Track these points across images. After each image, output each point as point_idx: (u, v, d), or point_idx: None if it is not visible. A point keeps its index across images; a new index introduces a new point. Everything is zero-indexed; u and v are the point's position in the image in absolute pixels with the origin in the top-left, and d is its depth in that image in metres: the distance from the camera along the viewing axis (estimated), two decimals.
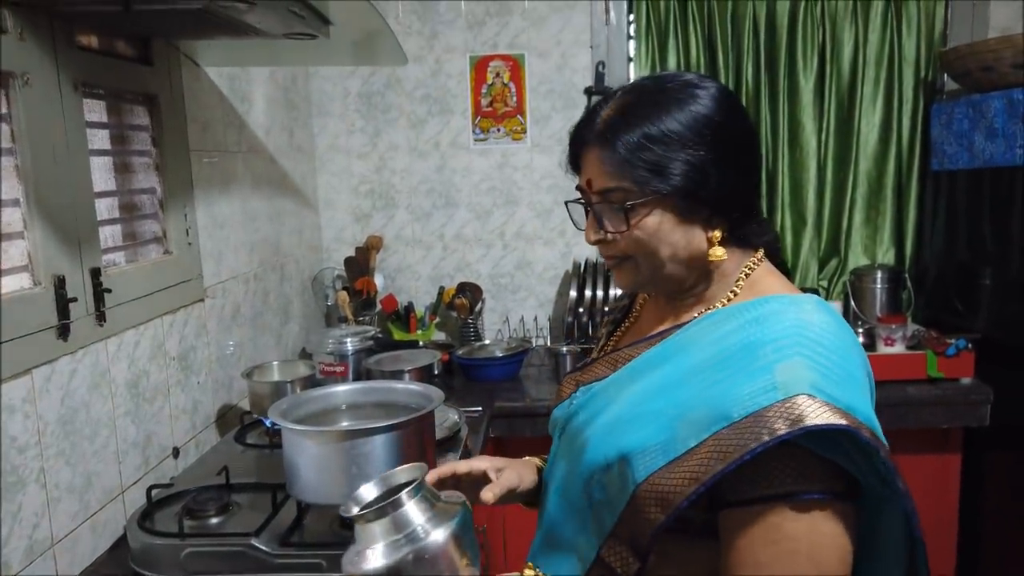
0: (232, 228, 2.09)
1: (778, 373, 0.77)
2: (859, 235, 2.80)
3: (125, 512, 1.50)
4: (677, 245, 0.89)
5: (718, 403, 0.79)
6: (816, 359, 0.79)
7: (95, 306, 1.43)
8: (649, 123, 0.86)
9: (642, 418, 0.85)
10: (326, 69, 2.82)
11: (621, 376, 0.94)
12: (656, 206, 0.87)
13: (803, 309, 0.84)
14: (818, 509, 0.75)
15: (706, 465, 0.76)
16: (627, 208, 0.87)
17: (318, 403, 1.48)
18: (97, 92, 1.55)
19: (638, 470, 0.82)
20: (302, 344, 2.58)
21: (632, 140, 0.86)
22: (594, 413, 0.93)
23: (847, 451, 0.76)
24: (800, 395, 0.75)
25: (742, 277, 0.92)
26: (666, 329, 0.95)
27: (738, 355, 0.82)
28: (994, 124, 2.24)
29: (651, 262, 0.90)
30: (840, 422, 0.73)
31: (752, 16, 2.69)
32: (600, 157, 0.89)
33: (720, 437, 0.77)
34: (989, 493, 2.34)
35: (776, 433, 0.73)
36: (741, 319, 0.86)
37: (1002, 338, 2.27)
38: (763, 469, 0.75)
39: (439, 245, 2.93)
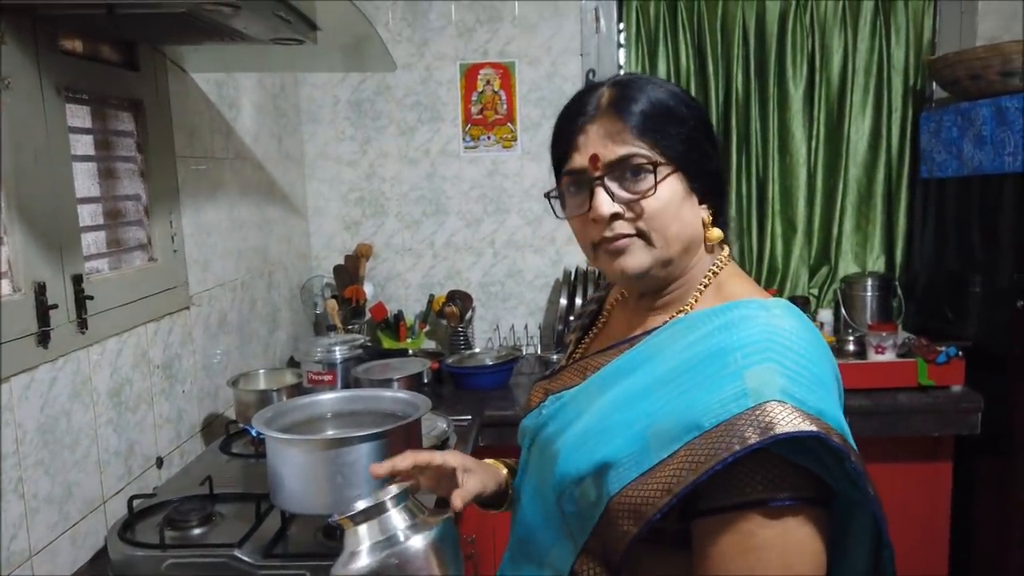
0: (219, 235, 2.07)
1: (748, 379, 0.77)
2: (849, 243, 2.80)
3: (106, 523, 1.48)
4: (684, 221, 0.89)
5: (689, 412, 0.78)
6: (786, 364, 0.78)
7: (77, 313, 1.41)
8: (652, 95, 0.88)
9: (613, 430, 0.84)
10: (315, 76, 2.81)
11: (590, 385, 0.93)
12: (670, 173, 0.87)
13: (772, 314, 0.84)
14: (790, 515, 0.75)
15: (678, 476, 0.76)
16: (651, 169, 0.86)
17: (304, 411, 1.46)
18: (81, 97, 1.54)
19: (611, 483, 0.81)
20: (290, 353, 2.56)
21: (643, 107, 0.87)
22: (564, 424, 0.92)
23: (818, 456, 0.75)
24: (771, 401, 0.74)
25: (709, 276, 0.92)
26: (635, 336, 0.94)
27: (707, 362, 0.81)
28: (983, 132, 2.24)
29: (663, 237, 0.88)
30: (810, 428, 0.73)
31: (742, 24, 2.69)
32: (610, 127, 0.88)
33: (692, 447, 0.76)
34: (981, 501, 2.33)
35: (747, 442, 0.73)
36: (710, 325, 0.85)
37: (992, 346, 2.27)
38: (735, 477, 0.75)
39: (429, 253, 2.91)
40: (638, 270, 0.89)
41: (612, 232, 0.88)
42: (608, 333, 1.03)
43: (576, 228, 0.93)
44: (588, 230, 0.90)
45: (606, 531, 0.82)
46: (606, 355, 0.95)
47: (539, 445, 0.97)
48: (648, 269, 0.89)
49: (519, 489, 1.01)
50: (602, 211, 0.87)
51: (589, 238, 0.91)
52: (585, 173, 0.89)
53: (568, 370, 1.01)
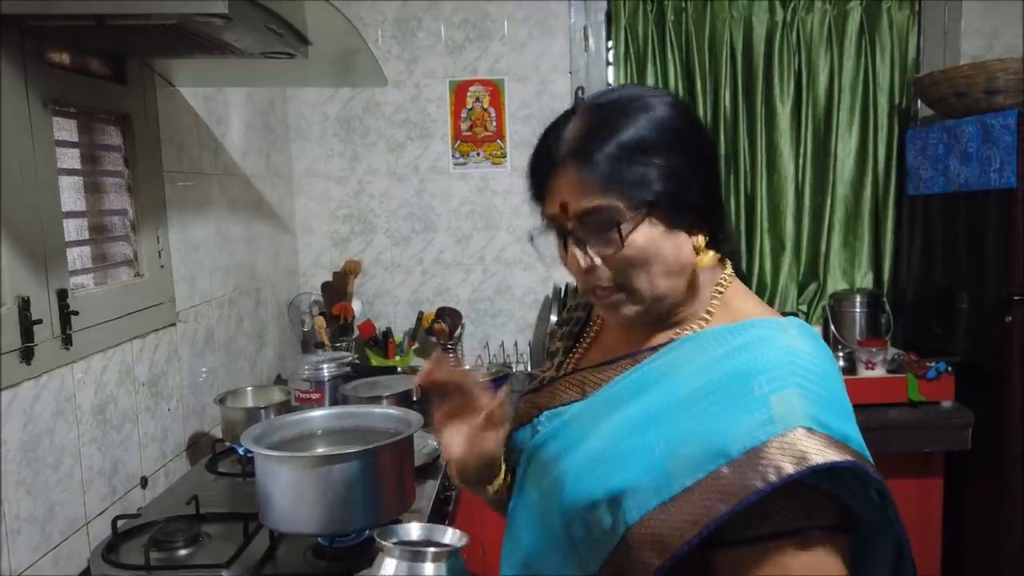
0: (206, 251, 2.05)
1: (774, 405, 0.75)
2: (837, 259, 2.81)
3: (89, 544, 1.44)
4: (668, 258, 0.84)
5: (713, 438, 0.75)
6: (809, 388, 0.76)
7: (61, 329, 1.38)
8: (619, 133, 0.82)
9: (629, 454, 0.80)
10: (304, 93, 2.80)
11: (595, 404, 0.88)
12: (644, 218, 0.83)
13: (790, 335, 0.82)
14: (820, 545, 0.74)
15: (707, 506, 0.73)
16: (617, 225, 0.82)
17: (293, 429, 1.43)
18: (68, 111, 1.52)
19: (629, 511, 0.77)
20: (277, 371, 2.53)
21: (608, 152, 0.81)
22: (568, 444, 0.87)
23: (848, 484, 0.74)
24: (798, 428, 0.73)
25: (716, 295, 0.89)
26: (639, 352, 0.89)
27: (729, 385, 0.78)
28: (968, 149, 2.27)
29: (644, 283, 0.84)
30: (845, 458, 0.72)
31: (729, 43, 2.72)
32: (576, 176, 0.83)
33: (720, 475, 0.73)
34: (972, 518, 2.33)
35: (783, 472, 0.71)
36: (727, 345, 0.82)
37: (981, 361, 2.27)
38: (765, 507, 0.73)
39: (418, 270, 2.90)
40: (630, 320, 0.87)
41: (593, 284, 0.86)
42: (604, 345, 0.99)
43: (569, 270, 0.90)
44: (576, 277, 0.89)
45: (624, 561, 0.78)
46: (606, 370, 0.91)
47: (538, 465, 0.92)
48: (639, 316, 0.87)
49: (517, 507, 0.97)
50: (571, 267, 0.86)
51: (580, 285, 0.90)
52: (558, 220, 0.86)
53: (561, 383, 0.96)
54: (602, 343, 1.00)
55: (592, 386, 0.91)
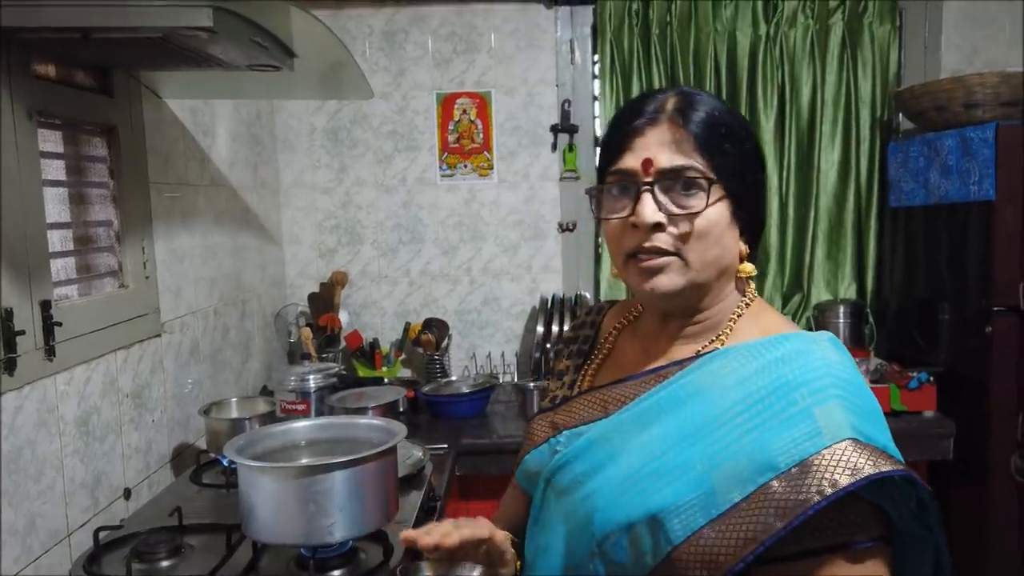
0: (192, 262, 2.05)
1: (819, 418, 0.75)
2: (821, 271, 2.84)
3: (71, 556, 1.43)
4: (724, 248, 0.85)
5: (760, 452, 0.75)
6: (850, 400, 0.77)
7: (44, 340, 1.38)
8: (721, 112, 0.85)
9: (668, 471, 0.78)
10: (291, 104, 2.81)
11: (623, 422, 0.86)
12: (721, 197, 0.84)
13: (825, 348, 0.82)
14: (870, 557, 0.74)
15: (760, 522, 0.72)
16: (706, 186, 0.82)
17: (277, 439, 1.43)
18: (53, 122, 1.52)
19: (674, 531, 0.75)
20: (263, 382, 2.53)
21: (708, 120, 0.83)
22: (597, 464, 0.85)
23: (891, 494, 0.74)
24: (845, 440, 0.73)
25: (742, 307, 0.90)
26: (663, 366, 0.88)
27: (771, 398, 0.77)
28: (948, 161, 2.30)
29: (701, 261, 0.84)
30: (898, 468, 0.72)
31: (713, 56, 2.75)
32: (671, 134, 0.83)
33: (769, 489, 0.73)
34: (955, 528, 2.34)
35: (839, 485, 0.71)
36: (762, 359, 0.81)
37: (963, 372, 2.30)
38: (818, 521, 0.72)
39: (405, 281, 2.90)
40: (671, 290, 0.84)
41: (651, 243, 0.83)
42: (619, 362, 0.97)
43: (611, 233, 0.88)
44: (625, 237, 0.85)
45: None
46: (629, 386, 0.89)
47: (561, 488, 0.88)
48: (681, 291, 0.85)
49: (536, 535, 0.93)
50: (646, 218, 0.82)
51: (624, 246, 0.86)
52: (634, 176, 0.84)
53: (579, 401, 0.93)
54: (617, 360, 0.98)
55: (615, 403, 0.89)
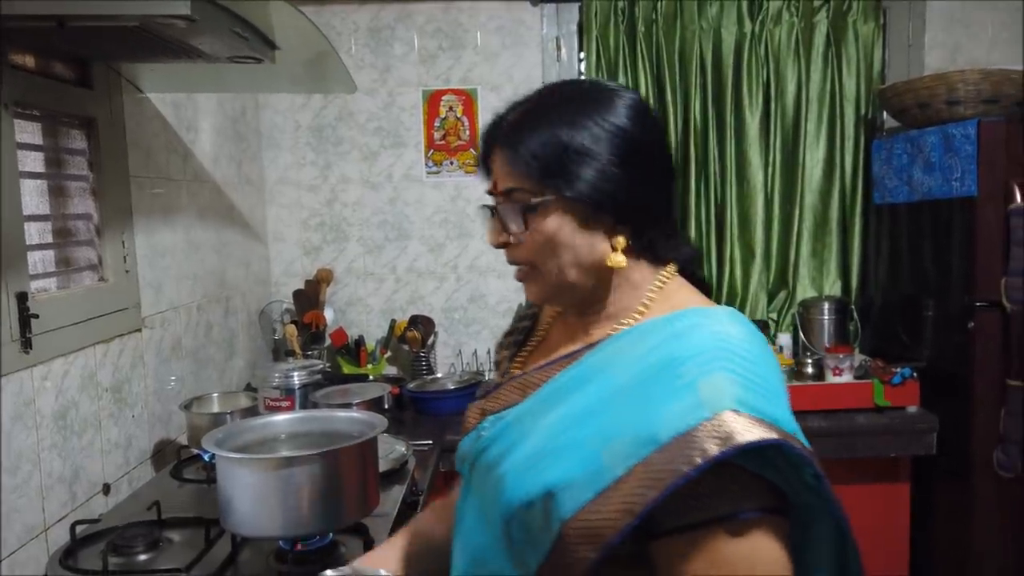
0: (174, 258, 2.03)
1: (702, 390, 0.75)
2: (806, 268, 2.85)
3: (48, 551, 1.42)
4: (579, 251, 0.87)
5: (643, 426, 0.75)
6: (737, 372, 0.77)
7: (20, 332, 1.37)
8: (557, 125, 0.85)
9: (564, 449, 0.79)
10: (276, 101, 2.80)
11: (534, 403, 0.88)
12: (556, 209, 0.85)
13: (719, 321, 0.83)
14: (755, 528, 0.73)
15: (638, 494, 0.72)
16: (526, 208, 0.86)
17: (256, 432, 1.42)
18: (31, 113, 1.51)
19: (564, 506, 0.76)
20: (247, 379, 2.51)
21: (536, 140, 0.85)
22: (509, 445, 0.87)
23: (777, 465, 0.74)
24: (726, 411, 0.73)
25: (654, 290, 0.90)
26: (577, 350, 0.91)
27: (659, 373, 0.79)
28: (931, 158, 2.31)
29: (553, 268, 0.88)
30: (771, 436, 0.72)
31: (699, 54, 2.75)
32: (504, 157, 0.88)
33: (649, 462, 0.73)
34: (939, 521, 2.35)
35: (709, 454, 0.71)
36: (659, 335, 0.83)
37: (945, 367, 2.31)
38: (697, 492, 0.72)
39: (391, 278, 2.89)
40: (536, 299, 0.92)
41: (510, 258, 0.91)
42: (547, 348, 0.99)
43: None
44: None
45: (561, 557, 0.77)
46: (547, 370, 0.92)
47: (481, 468, 0.91)
48: (545, 298, 0.91)
49: (461, 515, 0.96)
50: (491, 240, 0.91)
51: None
52: (493, 195, 0.91)
53: (505, 388, 0.96)
54: (545, 347, 1.00)
55: (533, 387, 0.91)
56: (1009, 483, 2.16)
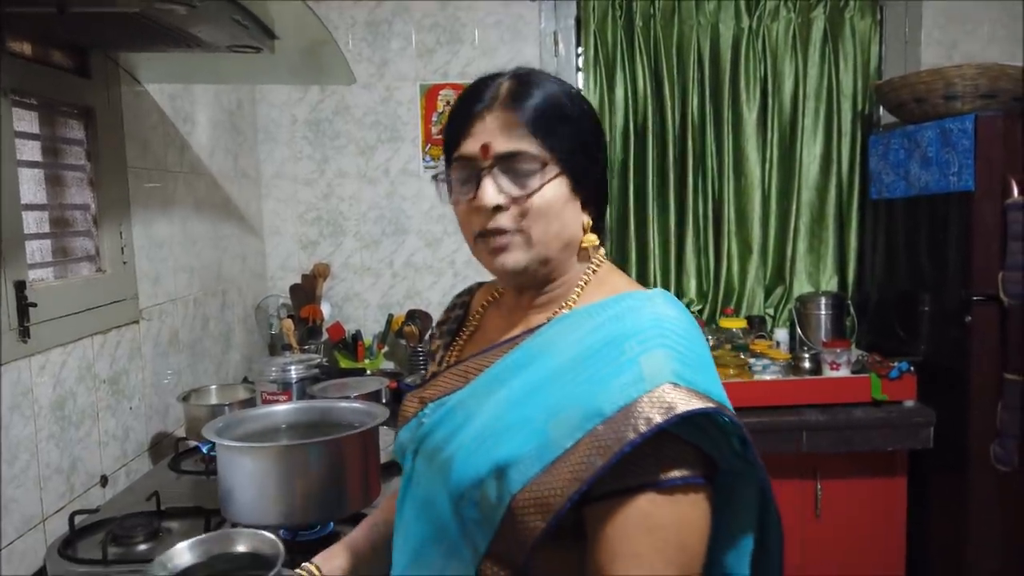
0: (171, 250, 2.02)
1: (644, 365, 0.79)
2: (803, 263, 2.85)
3: (46, 541, 1.40)
4: (565, 222, 0.89)
5: (589, 400, 0.79)
6: (675, 349, 0.81)
7: (18, 321, 1.36)
8: (549, 92, 0.89)
9: (512, 427, 0.82)
10: (273, 95, 2.79)
11: (478, 387, 0.90)
12: (556, 175, 0.88)
13: (656, 303, 0.87)
14: (681, 493, 0.77)
15: (585, 463, 0.76)
16: (539, 168, 0.86)
17: (257, 423, 1.42)
18: (29, 102, 1.50)
19: (513, 481, 0.79)
20: (244, 373, 2.50)
21: (540, 104, 0.87)
22: (455, 428, 0.89)
23: (710, 433, 0.79)
24: (665, 384, 0.77)
25: (589, 273, 0.94)
26: (518, 335, 0.93)
27: (603, 351, 0.82)
28: (928, 153, 2.32)
29: (543, 236, 0.88)
30: (708, 405, 0.77)
31: (697, 49, 2.75)
32: (505, 119, 0.87)
33: (596, 434, 0.77)
34: (935, 515, 2.36)
35: (653, 422, 0.75)
36: (600, 317, 0.86)
37: (942, 361, 2.31)
38: (634, 459, 0.76)
39: (388, 273, 2.89)
40: (516, 267, 0.89)
41: (495, 224, 0.87)
42: (484, 336, 1.01)
43: (460, 216, 0.92)
44: (472, 219, 0.89)
45: (512, 531, 0.80)
46: (488, 356, 0.93)
47: (424, 455, 0.93)
48: (526, 267, 0.90)
49: (401, 509, 0.97)
50: (487, 201, 0.86)
51: (472, 228, 0.90)
52: (475, 161, 0.88)
53: (443, 376, 0.97)
54: (483, 335, 1.02)
55: (475, 372, 0.93)
56: (1006, 476, 2.17)
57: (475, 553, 0.83)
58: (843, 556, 2.35)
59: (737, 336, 2.64)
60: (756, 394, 2.32)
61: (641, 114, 2.79)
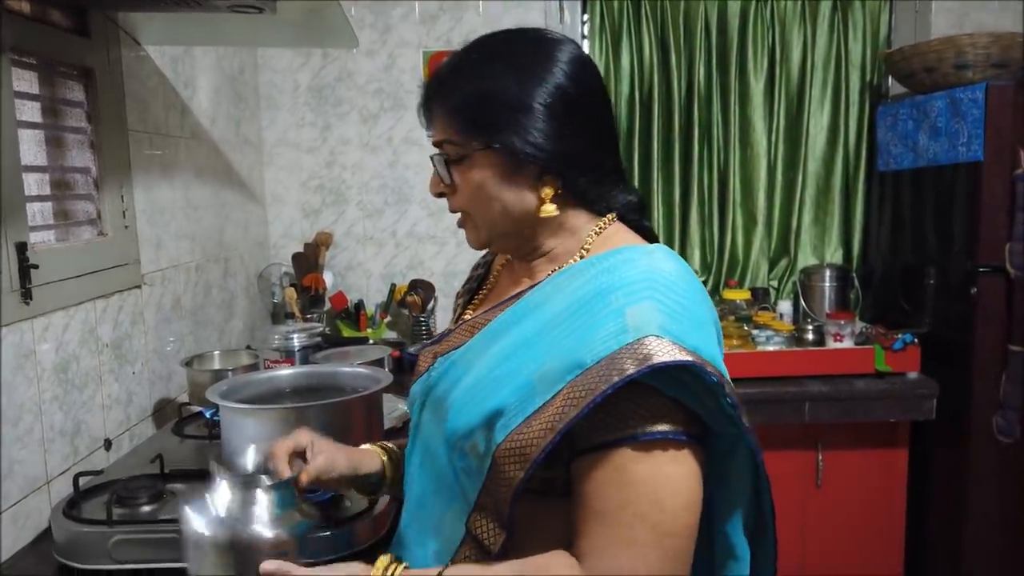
0: (173, 215, 2.01)
1: (629, 316, 0.78)
2: (808, 235, 2.84)
3: (51, 503, 1.41)
4: (507, 201, 0.89)
5: (572, 352, 0.79)
6: (665, 303, 0.79)
7: (20, 282, 1.35)
8: (485, 78, 0.88)
9: (501, 379, 0.83)
10: (275, 60, 2.75)
11: (478, 341, 0.92)
12: (480, 160, 0.88)
13: (653, 257, 0.85)
14: (660, 449, 0.76)
15: (560, 414, 0.76)
16: (450, 160, 0.89)
17: (260, 386, 1.42)
18: (28, 61, 1.48)
19: (498, 431, 0.80)
20: (246, 341, 2.50)
21: (462, 93, 0.88)
22: (454, 381, 0.91)
23: (692, 390, 0.77)
24: (649, 336, 0.76)
25: (592, 234, 0.92)
26: (520, 291, 0.94)
27: (591, 303, 0.82)
28: (937, 123, 2.29)
29: (483, 217, 0.91)
30: (686, 359, 0.74)
31: (704, 17, 2.72)
32: (436, 109, 0.90)
33: (574, 385, 0.76)
34: (936, 487, 2.37)
35: (625, 373, 0.73)
36: (594, 270, 0.86)
37: (946, 333, 2.31)
38: (612, 412, 0.75)
39: (391, 242, 2.87)
40: (477, 245, 0.94)
41: (451, 208, 0.94)
42: (496, 294, 1.03)
43: None
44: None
45: (495, 483, 0.81)
46: (492, 312, 0.95)
47: (429, 407, 0.95)
48: (488, 242, 0.93)
49: (408, 460, 0.99)
50: (430, 190, 0.94)
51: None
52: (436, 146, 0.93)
53: (456, 332, 0.99)
54: (497, 292, 1.04)
55: (480, 328, 0.94)
56: (1007, 448, 2.17)
57: (466, 504, 0.85)
58: (843, 527, 2.36)
59: (741, 308, 2.63)
60: (759, 365, 2.32)
61: (647, 83, 2.76)
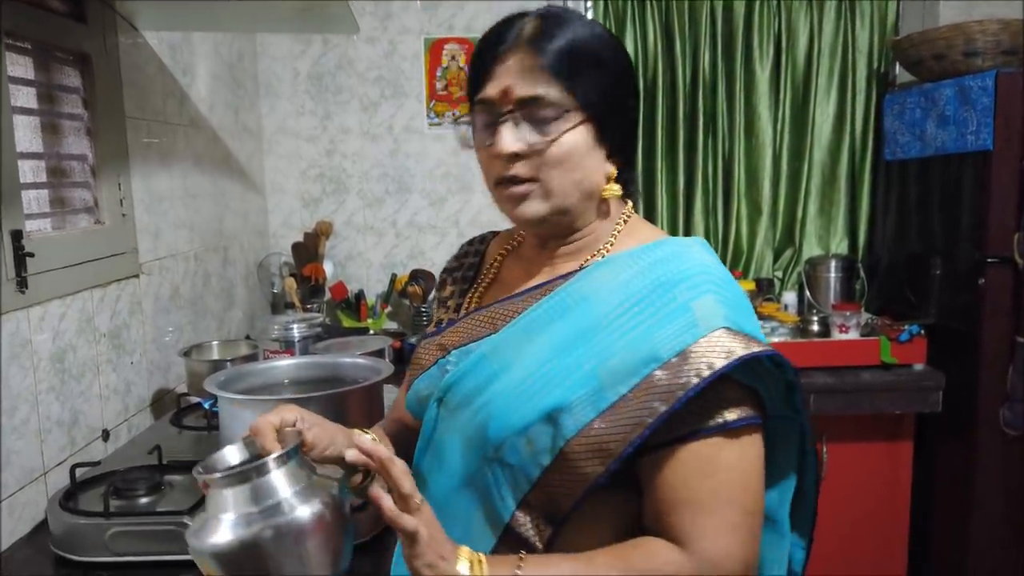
0: (171, 204, 1.99)
1: (696, 310, 0.79)
2: (813, 225, 2.81)
3: (47, 494, 1.39)
4: (586, 172, 0.86)
5: (643, 346, 0.79)
6: (723, 295, 0.82)
7: (16, 271, 1.33)
8: (577, 34, 0.85)
9: (559, 373, 0.81)
10: (275, 48, 2.72)
11: (512, 334, 0.88)
12: (580, 123, 0.84)
13: (697, 250, 0.87)
14: (746, 434, 0.79)
15: (646, 408, 0.76)
16: (558, 115, 0.83)
17: (259, 377, 1.40)
18: (23, 46, 1.45)
19: (567, 426, 0.79)
20: (246, 331, 2.48)
21: (564, 47, 0.83)
22: (490, 376, 0.86)
23: (764, 378, 0.81)
24: (720, 329, 0.78)
25: (621, 223, 0.92)
26: (548, 281, 0.91)
27: (650, 296, 0.82)
28: (945, 112, 2.26)
29: (558, 185, 0.85)
30: (765, 349, 0.78)
31: (709, 4, 2.68)
32: (530, 62, 0.83)
33: (653, 379, 0.77)
34: (941, 479, 2.35)
35: (715, 367, 0.76)
36: (642, 263, 0.85)
37: (952, 325, 2.28)
38: (695, 404, 0.76)
39: (391, 232, 2.85)
40: (535, 216, 0.87)
41: (512, 172, 0.85)
42: (504, 284, 0.98)
43: (482, 161, 0.89)
44: (492, 166, 0.87)
45: (558, 478, 0.79)
46: (516, 303, 0.91)
47: (454, 404, 0.90)
48: (545, 217, 0.87)
49: (420, 460, 0.94)
50: (503, 148, 0.84)
51: (492, 175, 0.88)
52: (495, 105, 0.85)
53: (467, 322, 0.95)
54: (502, 282, 1.00)
55: (503, 319, 0.91)
56: (1014, 441, 2.15)
57: (501, 502, 0.83)
58: (847, 519, 2.34)
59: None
60: None
61: (651, 70, 2.73)
